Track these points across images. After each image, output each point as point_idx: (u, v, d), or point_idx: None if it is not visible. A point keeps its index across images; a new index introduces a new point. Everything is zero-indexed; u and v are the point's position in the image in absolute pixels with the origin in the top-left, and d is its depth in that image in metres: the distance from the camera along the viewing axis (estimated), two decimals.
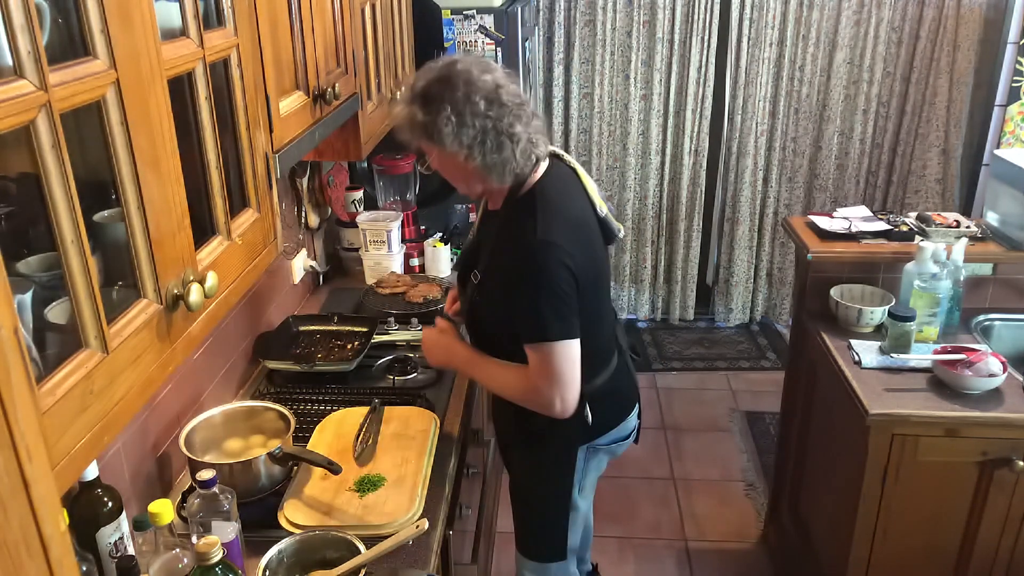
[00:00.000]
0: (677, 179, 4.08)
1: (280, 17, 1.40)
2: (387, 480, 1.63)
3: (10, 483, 0.59)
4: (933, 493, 1.98)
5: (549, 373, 1.58)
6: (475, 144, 1.50)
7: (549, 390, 1.59)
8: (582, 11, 3.79)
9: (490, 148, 1.51)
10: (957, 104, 3.76)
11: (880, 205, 4.05)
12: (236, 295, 1.19)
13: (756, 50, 3.83)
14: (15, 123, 0.71)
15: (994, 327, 2.30)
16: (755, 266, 4.26)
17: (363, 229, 2.57)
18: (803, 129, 3.97)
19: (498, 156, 1.52)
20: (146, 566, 1.26)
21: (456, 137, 1.49)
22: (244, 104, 1.21)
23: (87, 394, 0.80)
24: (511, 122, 1.52)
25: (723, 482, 3.17)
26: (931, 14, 3.68)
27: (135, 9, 0.88)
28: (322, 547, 1.41)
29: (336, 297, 2.58)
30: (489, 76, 1.52)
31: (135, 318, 0.91)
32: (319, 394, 2.00)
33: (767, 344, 4.20)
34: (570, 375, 1.59)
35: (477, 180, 1.59)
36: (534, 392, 1.62)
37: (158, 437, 1.63)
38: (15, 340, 0.60)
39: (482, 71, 1.52)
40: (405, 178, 2.83)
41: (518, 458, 1.89)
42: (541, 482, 1.85)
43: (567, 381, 1.59)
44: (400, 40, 2.45)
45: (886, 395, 1.94)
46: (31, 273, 0.82)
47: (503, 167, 1.55)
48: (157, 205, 0.94)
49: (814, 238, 2.38)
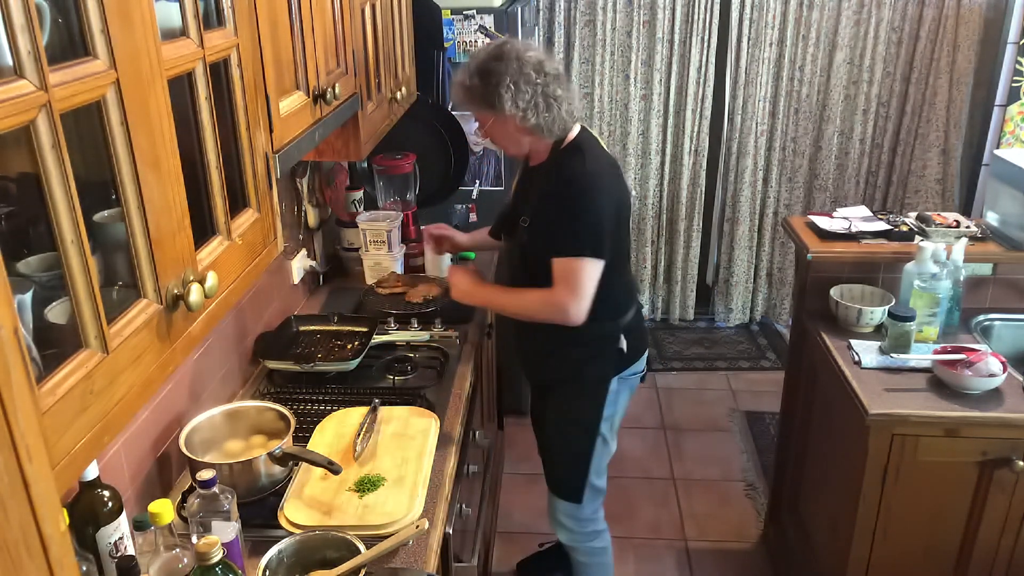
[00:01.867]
0: (677, 179, 4.08)
1: (280, 17, 1.40)
2: (387, 480, 1.63)
3: (10, 483, 0.59)
4: (933, 493, 1.98)
5: (573, 285, 1.85)
6: (529, 106, 1.83)
7: (569, 300, 1.86)
8: (582, 11, 3.79)
9: (542, 108, 1.84)
10: (957, 104, 3.76)
11: (880, 205, 4.05)
12: (236, 295, 1.19)
13: (756, 50, 3.83)
14: (15, 123, 0.71)
15: (994, 327, 2.30)
16: (755, 266, 4.26)
17: (363, 229, 2.57)
18: (803, 129, 3.97)
19: (548, 115, 1.85)
20: (146, 566, 1.26)
21: (514, 102, 1.82)
22: (244, 104, 1.21)
23: (87, 394, 0.80)
24: (555, 87, 1.85)
25: (723, 482, 3.17)
26: (931, 14, 3.68)
27: (135, 9, 0.88)
28: (322, 547, 1.41)
29: (336, 297, 2.58)
30: (533, 52, 1.86)
31: (135, 318, 0.91)
32: (319, 394, 2.00)
33: (767, 344, 4.20)
34: (588, 289, 1.86)
35: (527, 138, 1.91)
36: (554, 303, 1.88)
37: (158, 437, 1.63)
38: (15, 340, 0.60)
39: (527, 48, 1.87)
40: (405, 178, 2.83)
41: (556, 394, 2.13)
42: (575, 418, 2.09)
43: (585, 294, 1.86)
44: (400, 40, 2.45)
45: (886, 395, 1.94)
46: (31, 273, 0.82)
47: (552, 123, 1.87)
48: (157, 205, 0.94)
49: (814, 238, 2.38)
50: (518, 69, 1.81)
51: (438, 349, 2.22)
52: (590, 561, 2.30)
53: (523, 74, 1.81)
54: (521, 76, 1.81)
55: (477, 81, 1.84)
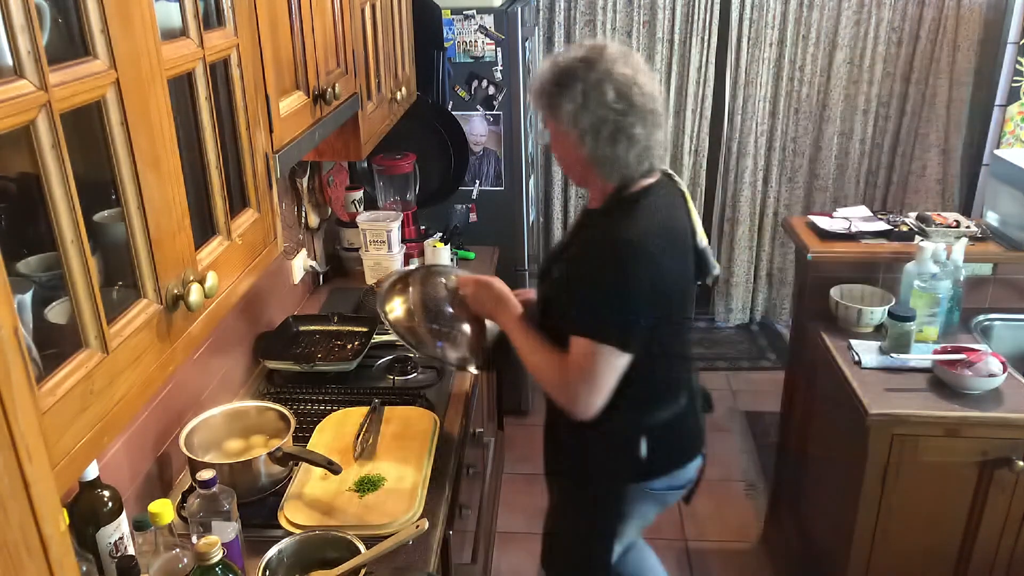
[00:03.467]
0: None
1: (280, 17, 1.40)
2: (387, 480, 1.63)
3: (10, 483, 0.59)
4: (933, 493, 1.98)
5: (586, 371, 1.53)
6: (589, 130, 1.50)
7: (579, 386, 1.54)
8: (582, 11, 3.79)
9: (604, 140, 1.50)
10: (957, 104, 3.76)
11: (880, 205, 4.05)
12: (236, 295, 1.19)
13: (756, 50, 3.83)
14: (15, 123, 0.71)
15: (994, 327, 2.30)
16: (755, 266, 4.25)
17: (363, 229, 2.57)
18: (803, 129, 3.97)
19: (610, 150, 1.51)
20: (146, 566, 1.26)
21: (574, 118, 1.49)
22: (244, 104, 1.21)
23: (87, 394, 0.80)
24: (633, 122, 1.49)
25: (723, 482, 3.17)
26: (931, 14, 3.68)
27: (135, 9, 0.88)
28: (322, 547, 1.41)
29: (336, 297, 2.58)
30: (630, 71, 1.50)
31: (135, 318, 0.91)
32: (319, 394, 2.00)
33: (767, 344, 4.20)
34: (604, 382, 1.53)
35: (583, 168, 1.57)
36: (563, 382, 1.57)
37: (158, 437, 1.63)
38: (15, 340, 0.60)
39: (625, 64, 1.50)
40: (405, 178, 2.83)
41: (560, 488, 1.81)
42: (580, 518, 1.75)
43: (600, 387, 1.53)
44: (400, 40, 2.45)
45: (886, 395, 1.94)
46: (31, 273, 0.82)
47: (612, 163, 1.53)
48: (157, 205, 0.94)
49: (814, 238, 2.38)
50: (596, 83, 1.48)
51: None
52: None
53: (599, 90, 1.48)
54: (596, 92, 1.48)
55: (550, 78, 1.53)
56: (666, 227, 1.55)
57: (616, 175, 1.55)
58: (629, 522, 1.74)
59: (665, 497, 1.77)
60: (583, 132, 1.50)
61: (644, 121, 1.50)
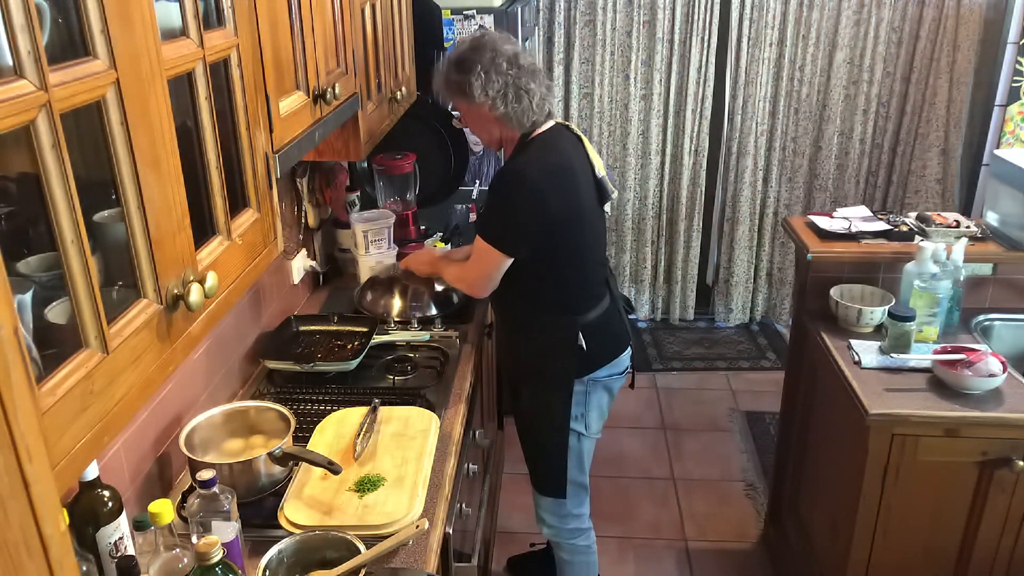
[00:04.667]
0: (677, 179, 4.08)
1: (280, 17, 1.40)
2: (387, 480, 1.63)
3: (10, 483, 0.59)
4: (933, 493, 1.98)
5: (480, 265, 1.97)
6: (499, 96, 1.89)
7: (473, 275, 2.00)
8: (582, 11, 3.79)
9: (511, 99, 1.90)
10: (957, 104, 3.76)
11: (880, 205, 4.05)
12: (236, 295, 1.19)
13: (756, 50, 3.83)
14: (15, 123, 0.71)
15: (994, 327, 2.30)
16: (755, 266, 4.26)
17: (364, 230, 2.56)
18: (803, 129, 3.97)
19: (517, 106, 1.91)
20: (146, 566, 1.26)
21: (484, 90, 1.89)
22: (244, 104, 1.21)
23: (87, 394, 0.80)
24: (527, 80, 1.91)
25: (723, 482, 3.17)
26: (931, 14, 3.68)
27: (135, 9, 0.88)
28: (322, 547, 1.41)
29: (336, 297, 2.58)
30: (510, 46, 1.93)
31: (135, 318, 0.91)
32: (319, 394, 2.00)
33: (767, 344, 4.20)
34: (491, 273, 1.96)
35: (499, 129, 1.97)
36: (462, 277, 2.05)
37: (158, 437, 1.63)
38: (15, 340, 0.60)
39: (504, 41, 1.94)
40: (405, 178, 2.83)
41: (524, 393, 2.15)
42: (543, 414, 2.11)
43: (488, 276, 1.97)
44: (400, 40, 2.45)
45: (886, 395, 1.94)
46: (31, 273, 0.82)
47: (521, 115, 1.93)
48: (157, 205, 0.94)
49: (814, 238, 2.38)
50: (491, 60, 1.88)
51: (438, 349, 2.22)
52: (572, 559, 2.31)
53: (495, 64, 1.88)
54: (493, 66, 1.88)
55: (453, 70, 1.92)
56: (551, 160, 1.93)
57: (527, 122, 1.95)
58: (589, 413, 2.11)
59: (611, 384, 2.14)
60: (494, 99, 1.89)
61: (533, 77, 1.92)
